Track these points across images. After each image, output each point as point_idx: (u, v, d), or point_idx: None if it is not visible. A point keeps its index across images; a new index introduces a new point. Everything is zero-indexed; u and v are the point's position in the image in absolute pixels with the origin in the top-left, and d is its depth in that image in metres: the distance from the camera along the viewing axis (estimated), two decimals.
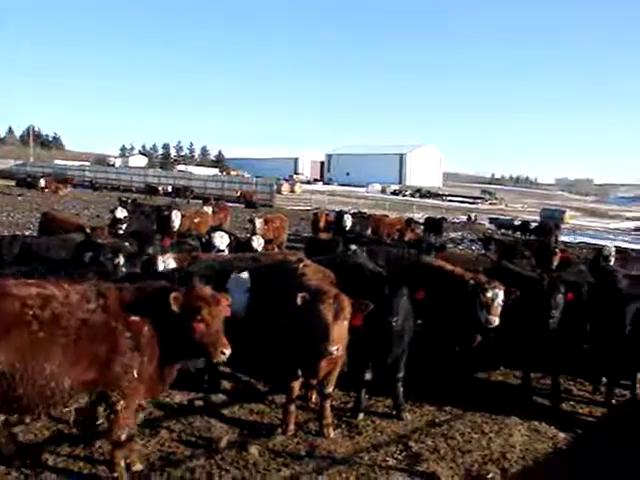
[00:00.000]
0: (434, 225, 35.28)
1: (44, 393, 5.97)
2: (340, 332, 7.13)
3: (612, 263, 17.58)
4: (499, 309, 9.25)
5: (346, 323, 7.22)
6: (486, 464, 7.75)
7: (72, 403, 6.27)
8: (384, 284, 8.52)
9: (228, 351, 6.32)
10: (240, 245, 15.89)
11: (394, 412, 9.16)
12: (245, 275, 9.53)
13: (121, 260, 10.26)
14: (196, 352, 6.51)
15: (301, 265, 9.10)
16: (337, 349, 7.03)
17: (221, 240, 14.59)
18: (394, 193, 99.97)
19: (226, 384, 9.68)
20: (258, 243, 16.04)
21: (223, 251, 14.08)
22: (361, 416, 8.97)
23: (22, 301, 5.93)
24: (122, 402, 6.33)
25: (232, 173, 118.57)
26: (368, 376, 8.99)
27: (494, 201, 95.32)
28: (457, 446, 8.21)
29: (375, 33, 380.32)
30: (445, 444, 8.26)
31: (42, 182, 56.46)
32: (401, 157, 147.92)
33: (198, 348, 6.39)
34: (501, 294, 9.30)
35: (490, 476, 7.45)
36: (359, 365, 8.95)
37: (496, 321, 9.22)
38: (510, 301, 9.40)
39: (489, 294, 9.26)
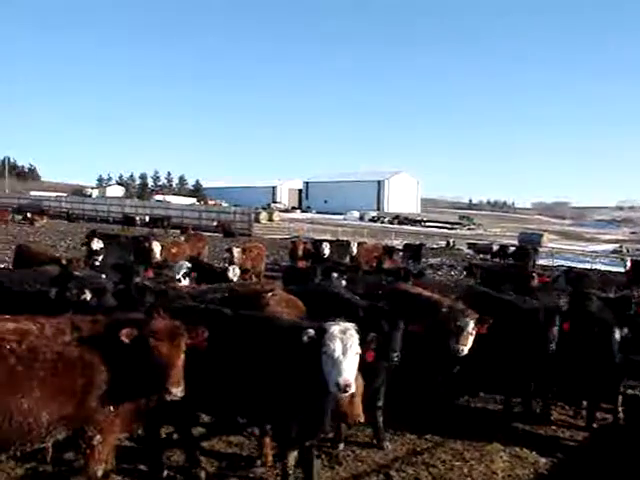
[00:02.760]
0: (413, 251, 35.42)
1: (21, 429, 5.87)
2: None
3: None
4: (469, 338, 9.25)
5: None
6: None
7: (49, 439, 6.17)
8: (382, 318, 8.41)
9: (175, 390, 6.07)
10: (216, 275, 15.83)
11: (375, 441, 9.11)
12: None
13: (88, 295, 10.11)
14: (152, 387, 6.26)
15: (268, 295, 9.05)
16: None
17: (180, 271, 14.60)
18: (372, 220, 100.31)
19: (204, 417, 9.57)
20: (234, 273, 16.02)
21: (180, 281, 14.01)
22: (341, 446, 8.90)
23: None
24: (98, 437, 6.22)
25: (210, 202, 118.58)
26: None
27: (472, 226, 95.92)
28: (439, 474, 8.18)
29: (348, 60, 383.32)
30: (427, 473, 8.22)
31: None
32: (379, 184, 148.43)
33: (152, 384, 6.21)
34: (471, 323, 9.30)
35: None
36: None
37: (464, 350, 9.22)
38: (484, 329, 9.40)
39: (460, 322, 9.27)
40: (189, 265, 15.04)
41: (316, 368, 6.58)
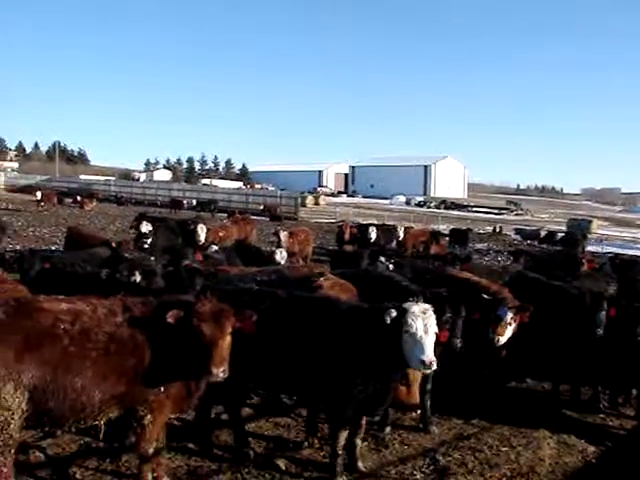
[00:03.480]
0: (460, 236, 35.09)
1: (75, 407, 6.02)
2: None
3: None
4: (506, 328, 9.21)
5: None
6: (514, 478, 7.68)
7: (101, 417, 6.32)
8: (444, 304, 8.42)
9: (217, 371, 6.14)
10: (264, 258, 15.91)
11: (421, 425, 9.13)
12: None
13: (137, 277, 10.28)
14: (198, 368, 6.35)
15: (321, 278, 9.08)
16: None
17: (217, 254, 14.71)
18: (419, 205, 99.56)
19: (253, 398, 9.68)
20: (281, 256, 16.02)
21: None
22: (388, 429, 8.94)
23: (54, 316, 6.01)
24: (149, 416, 6.37)
25: (256, 186, 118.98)
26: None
27: (520, 212, 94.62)
28: (485, 460, 8.15)
29: (398, 46, 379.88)
30: (473, 458, 8.20)
31: (38, 194, 55.19)
32: (426, 168, 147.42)
33: (199, 364, 6.29)
34: (510, 313, 9.25)
35: None
36: None
37: (501, 340, 9.19)
38: (526, 317, 9.35)
39: (499, 312, 9.24)
40: (216, 248, 15.13)
41: (385, 348, 6.77)
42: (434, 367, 6.52)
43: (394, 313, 6.67)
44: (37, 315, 5.96)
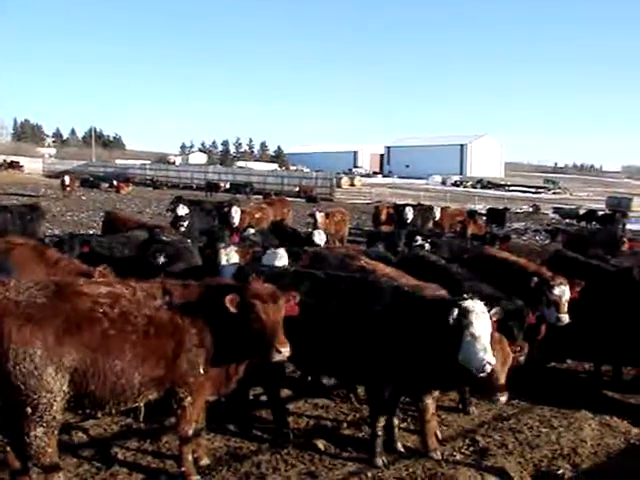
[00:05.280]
0: (497, 216, 34.84)
1: (115, 389, 6.09)
2: None
3: None
4: (566, 305, 9.08)
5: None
6: (556, 459, 7.58)
7: (141, 399, 6.38)
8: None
9: (285, 350, 6.23)
10: (302, 240, 15.89)
11: (460, 406, 9.08)
12: (281, 250, 9.58)
13: (161, 259, 10.35)
14: (254, 351, 6.45)
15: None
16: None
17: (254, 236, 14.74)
18: (455, 184, 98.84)
19: (291, 379, 9.70)
20: (320, 238, 15.94)
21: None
22: (472, 409, 8.97)
23: (93, 299, 6.06)
24: (189, 398, 6.41)
25: (291, 168, 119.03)
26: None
27: (558, 190, 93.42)
28: (525, 441, 8.05)
29: (429, 24, 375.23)
30: (513, 438, 8.11)
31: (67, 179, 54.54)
32: (462, 148, 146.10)
33: (256, 347, 6.37)
34: (567, 290, 9.12)
35: (560, 472, 7.28)
36: None
37: (567, 319, 9.06)
38: (575, 293, 9.23)
39: (557, 291, 9.10)
40: (253, 231, 15.14)
41: (434, 339, 6.72)
42: (488, 369, 6.41)
43: (455, 313, 6.53)
44: (77, 298, 6.02)
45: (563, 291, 9.11)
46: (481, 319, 6.49)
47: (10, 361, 5.69)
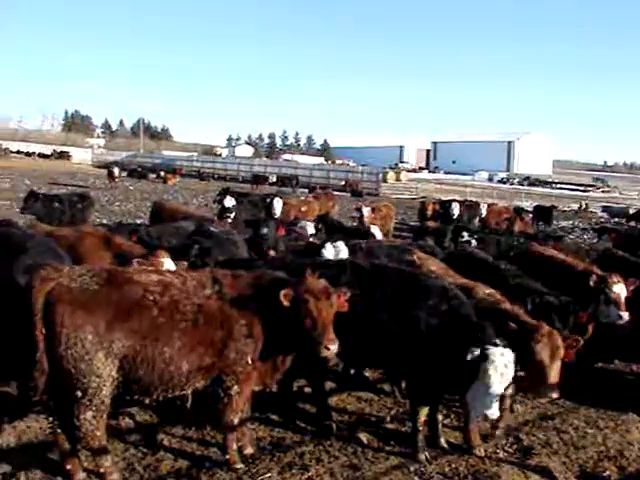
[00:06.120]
0: (544, 214, 34.33)
1: (163, 376, 6.18)
2: None
3: None
4: (624, 303, 9.00)
5: None
6: (602, 461, 7.50)
7: (189, 387, 6.47)
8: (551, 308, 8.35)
9: (333, 347, 6.28)
10: (348, 234, 15.84)
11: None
12: (341, 243, 9.54)
13: (195, 251, 10.43)
14: (303, 345, 6.51)
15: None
16: None
17: (308, 229, 14.65)
18: (502, 181, 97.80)
19: (335, 372, 9.73)
20: (377, 232, 15.75)
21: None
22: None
23: (144, 287, 6.16)
24: (236, 387, 6.50)
25: (337, 162, 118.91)
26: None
27: (607, 189, 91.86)
28: (571, 441, 7.99)
29: (478, 19, 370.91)
30: (558, 438, 8.05)
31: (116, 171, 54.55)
32: (509, 144, 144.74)
33: (305, 341, 6.42)
34: (624, 288, 9.03)
35: (606, 474, 7.20)
36: None
37: (627, 316, 8.97)
38: (629, 292, 9.12)
39: (616, 289, 9.00)
40: (311, 224, 15.09)
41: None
42: (494, 419, 6.54)
43: (477, 353, 6.47)
44: (128, 286, 6.13)
45: (622, 289, 9.05)
46: (499, 370, 6.38)
47: (62, 345, 5.82)
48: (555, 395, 6.85)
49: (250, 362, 6.45)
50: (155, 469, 6.79)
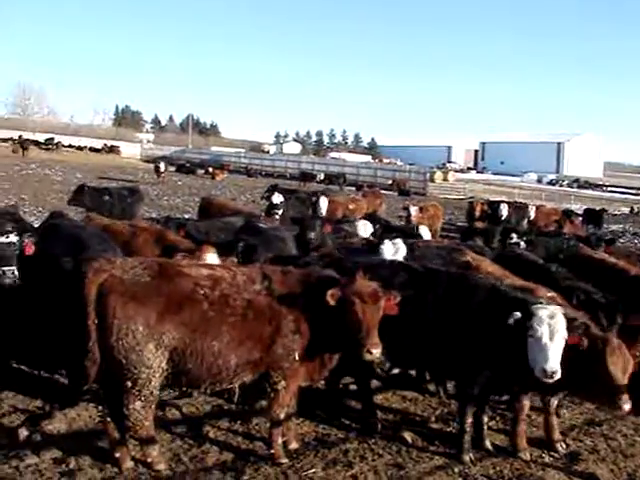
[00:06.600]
0: (594, 217, 33.76)
1: (211, 370, 6.26)
2: None
3: None
4: None
5: None
6: None
7: (236, 381, 6.54)
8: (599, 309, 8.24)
9: (376, 351, 6.25)
10: (400, 233, 15.78)
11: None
12: (400, 242, 9.49)
13: (240, 248, 10.48)
14: (347, 346, 6.52)
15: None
16: None
17: (364, 228, 14.58)
18: (551, 183, 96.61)
19: (379, 371, 9.72)
20: (425, 232, 15.68)
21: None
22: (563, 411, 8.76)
23: (195, 281, 6.24)
24: (283, 382, 6.55)
25: (385, 161, 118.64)
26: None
27: None
28: (619, 448, 7.83)
29: (527, 18, 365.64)
30: (605, 445, 7.90)
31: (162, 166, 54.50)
32: (559, 146, 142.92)
33: (348, 342, 6.42)
34: None
35: None
36: None
37: None
38: None
39: None
40: (368, 222, 15.02)
41: (511, 342, 6.64)
42: (556, 377, 6.32)
43: (518, 315, 6.49)
44: (179, 279, 6.22)
45: None
46: (545, 325, 6.37)
47: (113, 335, 5.94)
48: (627, 407, 6.71)
49: (297, 358, 6.49)
50: (201, 461, 6.83)
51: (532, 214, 27.91)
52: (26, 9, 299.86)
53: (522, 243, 13.53)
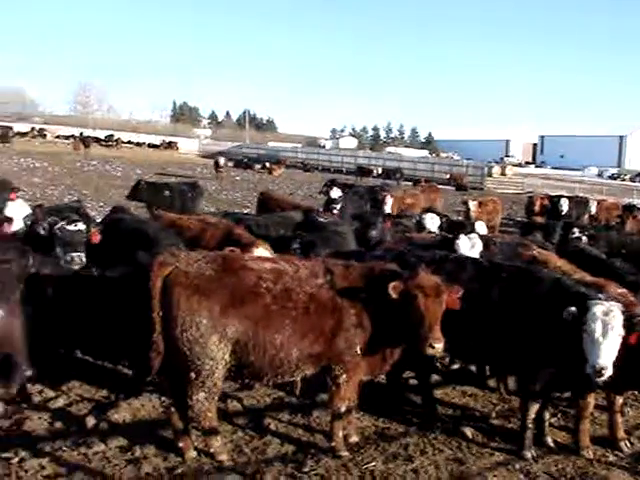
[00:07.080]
0: None
1: (273, 362, 6.33)
2: None
3: None
4: None
5: None
6: None
7: (298, 374, 6.61)
8: None
9: (439, 346, 6.25)
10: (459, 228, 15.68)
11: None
12: (474, 236, 9.43)
13: (295, 245, 10.49)
14: (408, 340, 6.54)
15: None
16: None
17: (432, 221, 14.52)
18: (612, 177, 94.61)
19: (438, 365, 9.70)
20: (481, 227, 15.56)
21: (434, 233, 13.90)
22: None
23: (258, 275, 6.32)
24: (344, 376, 6.59)
25: (442, 155, 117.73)
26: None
27: None
28: None
29: (591, 12, 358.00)
30: None
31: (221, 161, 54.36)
32: (621, 139, 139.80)
33: (410, 337, 6.43)
34: None
35: None
36: None
37: None
38: None
39: None
40: (434, 215, 14.95)
41: (569, 338, 6.55)
42: (605, 375, 6.23)
43: (573, 310, 6.42)
44: (242, 273, 6.30)
45: None
46: (599, 321, 6.28)
47: (178, 327, 6.06)
48: None
49: (359, 352, 6.52)
50: (262, 452, 6.92)
51: (593, 209, 27.46)
52: (88, 8, 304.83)
53: (584, 238, 13.33)
